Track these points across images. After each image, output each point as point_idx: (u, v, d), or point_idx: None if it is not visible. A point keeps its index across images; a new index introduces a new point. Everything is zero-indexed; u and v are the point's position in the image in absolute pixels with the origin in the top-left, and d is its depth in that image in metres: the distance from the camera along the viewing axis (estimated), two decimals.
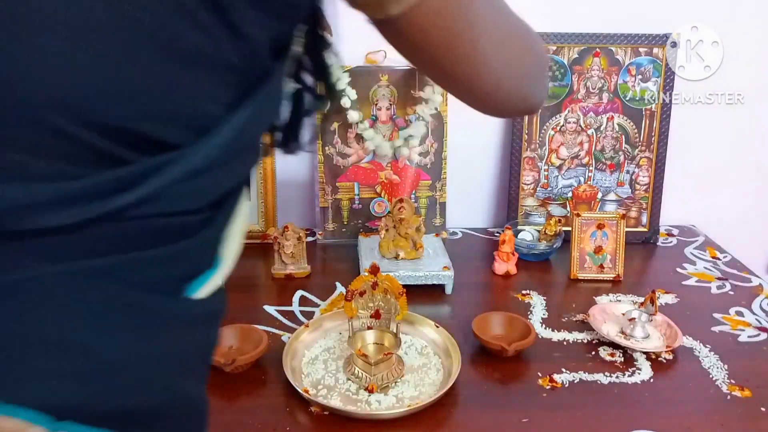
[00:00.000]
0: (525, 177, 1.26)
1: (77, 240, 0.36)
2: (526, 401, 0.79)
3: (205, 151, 0.37)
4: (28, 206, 0.33)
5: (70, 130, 0.33)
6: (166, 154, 0.36)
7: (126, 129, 0.35)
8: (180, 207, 0.38)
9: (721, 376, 0.84)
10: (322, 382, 0.81)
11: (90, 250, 0.36)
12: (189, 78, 0.36)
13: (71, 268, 0.36)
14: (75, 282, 0.36)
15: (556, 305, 1.02)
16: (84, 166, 0.35)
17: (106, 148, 0.34)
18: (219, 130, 0.38)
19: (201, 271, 0.42)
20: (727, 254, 1.22)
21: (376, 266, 0.85)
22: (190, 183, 0.37)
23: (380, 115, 1.19)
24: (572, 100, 1.22)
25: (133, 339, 0.38)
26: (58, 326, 0.35)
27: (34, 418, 0.34)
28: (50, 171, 0.34)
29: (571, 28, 1.19)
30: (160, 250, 0.38)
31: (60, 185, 0.34)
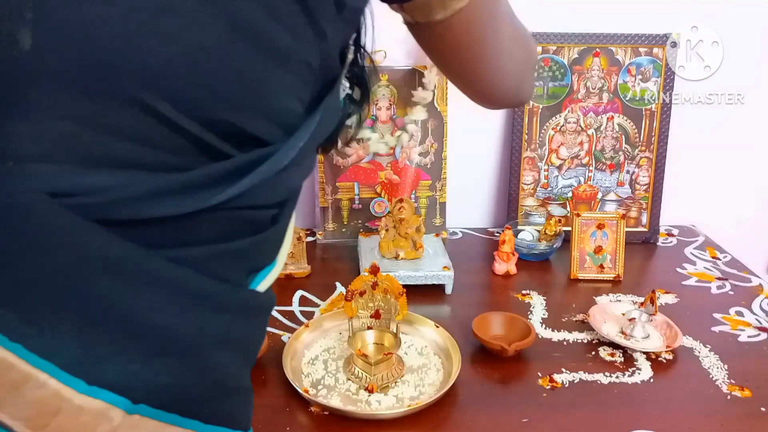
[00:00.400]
0: (525, 177, 1.26)
1: (174, 229, 0.37)
2: (526, 401, 0.79)
3: (290, 149, 0.39)
4: (138, 196, 0.35)
5: (175, 119, 0.34)
6: (260, 150, 0.38)
7: (224, 121, 0.36)
8: (263, 201, 0.41)
9: (721, 376, 0.84)
10: (322, 382, 0.81)
11: (183, 240, 0.38)
12: (277, 73, 0.37)
13: (164, 255, 0.37)
14: (165, 269, 0.37)
15: (556, 305, 1.02)
16: (189, 157, 0.36)
17: (207, 141, 0.36)
18: (299, 131, 0.40)
19: (263, 266, 0.44)
20: (727, 254, 1.22)
21: (376, 266, 0.85)
22: (275, 179, 0.39)
23: (380, 115, 1.19)
24: (572, 100, 1.22)
25: (206, 326, 0.40)
26: (143, 310, 0.37)
27: (114, 400, 0.36)
28: (159, 162, 0.35)
29: (571, 28, 1.19)
30: (241, 242, 0.40)
31: (170, 176, 0.36)
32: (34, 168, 0.33)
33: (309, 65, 0.39)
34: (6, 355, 0.33)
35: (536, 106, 1.22)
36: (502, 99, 0.62)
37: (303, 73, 0.39)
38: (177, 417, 0.38)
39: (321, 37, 0.38)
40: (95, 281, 0.35)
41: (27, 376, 0.34)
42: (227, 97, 0.36)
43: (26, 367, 0.34)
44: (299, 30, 0.37)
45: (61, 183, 0.34)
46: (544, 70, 1.21)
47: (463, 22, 0.48)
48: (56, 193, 0.33)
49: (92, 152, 0.34)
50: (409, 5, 0.46)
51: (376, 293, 0.85)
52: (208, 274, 0.39)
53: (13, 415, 0.34)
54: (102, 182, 0.34)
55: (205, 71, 0.34)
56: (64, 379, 0.34)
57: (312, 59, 0.39)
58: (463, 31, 0.49)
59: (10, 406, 0.34)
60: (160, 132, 0.35)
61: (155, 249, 0.37)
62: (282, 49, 0.37)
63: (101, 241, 0.35)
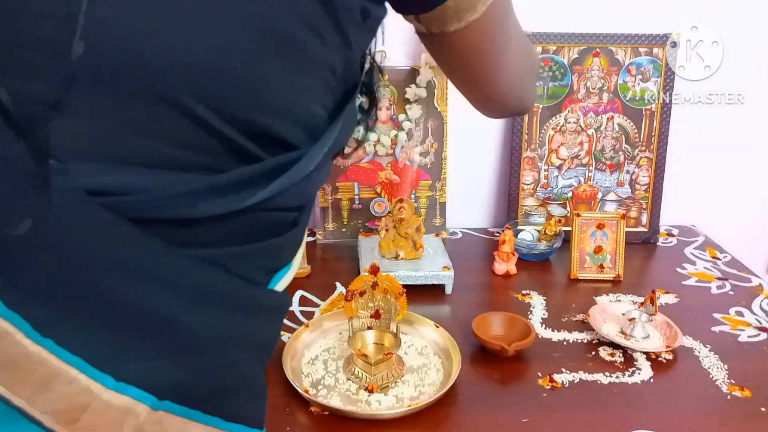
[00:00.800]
0: (525, 177, 1.26)
1: (203, 229, 0.38)
2: (526, 401, 0.79)
3: (315, 155, 0.41)
4: (173, 197, 0.36)
5: (209, 120, 0.35)
6: (288, 154, 0.39)
7: (254, 123, 0.37)
8: (286, 204, 0.42)
9: (721, 376, 0.84)
10: (322, 382, 0.81)
11: (211, 240, 0.39)
12: (305, 78, 0.39)
13: (191, 255, 0.38)
14: (192, 268, 0.38)
15: (556, 305, 1.02)
16: (221, 159, 0.37)
17: (238, 142, 0.37)
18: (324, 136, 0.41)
19: (281, 267, 0.45)
20: (727, 254, 1.22)
21: (376, 266, 0.85)
22: (299, 184, 0.41)
23: (380, 115, 1.19)
24: (572, 100, 1.22)
25: (228, 325, 0.41)
26: (170, 308, 0.37)
27: (140, 396, 0.36)
28: (193, 162, 0.36)
29: (571, 28, 1.19)
30: (264, 243, 0.42)
31: (205, 178, 0.37)
32: (74, 167, 0.34)
33: (334, 71, 0.40)
34: (37, 350, 0.34)
35: (536, 106, 1.22)
36: (506, 106, 0.63)
37: (328, 79, 0.40)
38: (200, 414, 0.39)
39: (346, 44, 0.40)
40: (126, 279, 0.36)
41: (57, 371, 0.34)
42: (259, 99, 0.37)
43: (57, 362, 0.34)
44: (327, 36, 0.38)
45: (99, 182, 0.34)
46: (544, 70, 1.21)
47: (475, 33, 0.49)
48: (94, 191, 0.34)
49: (130, 151, 0.35)
50: (424, 16, 0.47)
51: (376, 293, 0.85)
52: (233, 273, 0.40)
53: (43, 410, 0.34)
54: (139, 182, 0.35)
55: (239, 74, 0.35)
56: (93, 374, 0.35)
57: (336, 65, 0.40)
58: (475, 42, 0.50)
59: (41, 400, 0.34)
60: (194, 133, 0.36)
61: (183, 248, 0.37)
62: (310, 55, 0.38)
63: (134, 240, 0.36)
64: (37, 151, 0.33)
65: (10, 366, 0.34)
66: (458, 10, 0.46)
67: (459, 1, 0.46)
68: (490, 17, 0.48)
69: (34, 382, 0.34)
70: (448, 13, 0.47)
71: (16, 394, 0.34)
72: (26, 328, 0.34)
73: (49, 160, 0.33)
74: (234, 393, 0.42)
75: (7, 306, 0.33)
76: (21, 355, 0.34)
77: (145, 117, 0.34)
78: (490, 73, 0.56)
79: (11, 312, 0.33)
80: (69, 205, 0.34)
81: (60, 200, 0.34)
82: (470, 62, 0.54)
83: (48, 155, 0.33)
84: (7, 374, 0.34)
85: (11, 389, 0.34)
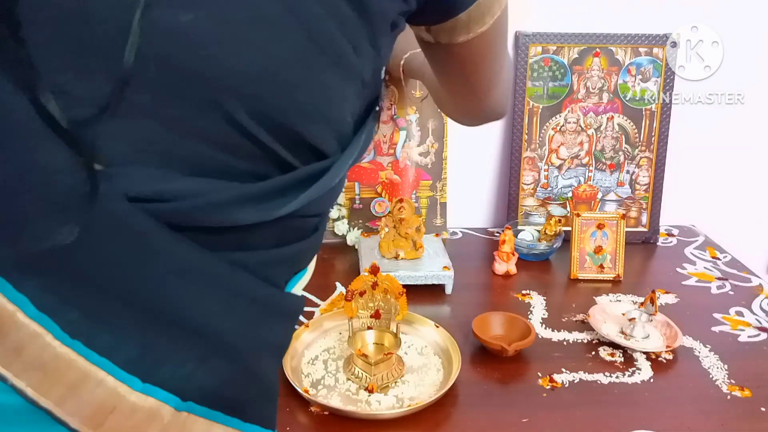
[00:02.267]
0: (525, 177, 1.26)
1: (238, 235, 0.39)
2: (526, 401, 0.79)
3: (343, 164, 0.43)
4: (215, 204, 0.37)
5: (249, 127, 0.36)
6: (320, 163, 0.41)
7: (293, 130, 0.38)
8: (312, 211, 0.44)
9: (721, 376, 0.84)
10: (322, 382, 0.81)
11: (244, 245, 0.40)
12: (342, 86, 0.40)
13: (225, 259, 0.39)
14: (226, 272, 0.39)
15: (556, 305, 1.02)
16: (259, 166, 0.39)
17: (275, 150, 0.38)
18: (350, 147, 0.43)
19: (299, 271, 0.46)
20: (727, 254, 1.22)
21: (376, 266, 0.85)
22: (328, 192, 0.43)
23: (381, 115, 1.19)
24: (572, 100, 1.22)
25: (257, 329, 0.42)
26: (202, 312, 0.38)
27: (165, 398, 0.37)
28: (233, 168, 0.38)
29: (571, 28, 1.19)
30: (291, 247, 0.43)
31: (245, 186, 0.38)
32: (119, 171, 0.34)
33: (363, 80, 0.42)
34: (66, 351, 0.34)
35: (536, 106, 1.22)
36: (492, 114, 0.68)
37: (358, 88, 0.42)
38: (221, 415, 0.39)
39: (377, 54, 0.41)
40: (162, 283, 0.36)
41: (86, 373, 0.35)
42: (301, 106, 0.38)
43: (85, 364, 0.35)
44: (362, 46, 0.39)
45: (142, 187, 0.35)
46: (543, 70, 1.21)
47: (480, 44, 0.51)
48: (136, 198, 0.35)
49: (173, 156, 0.36)
50: (436, 27, 0.49)
51: (376, 293, 0.86)
52: (260, 277, 0.41)
53: (71, 412, 0.35)
54: (181, 189, 0.36)
55: (284, 81, 0.37)
56: (120, 376, 0.35)
57: (366, 75, 0.42)
58: (478, 51, 0.53)
59: (70, 402, 0.35)
60: (235, 137, 0.37)
61: (216, 252, 0.38)
62: (348, 64, 0.39)
63: (171, 245, 0.36)
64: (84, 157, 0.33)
65: (40, 368, 0.34)
66: (469, 22, 0.48)
67: (471, 13, 0.48)
68: (495, 29, 0.51)
69: (63, 384, 0.34)
70: (459, 25, 0.49)
71: (45, 395, 0.34)
72: (55, 330, 0.34)
73: (95, 165, 0.34)
74: (254, 395, 0.43)
75: (38, 309, 0.34)
76: (51, 357, 0.34)
77: (190, 121, 0.35)
78: (489, 82, 0.59)
79: (42, 314, 0.34)
80: (113, 212, 0.34)
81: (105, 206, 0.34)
82: (471, 72, 0.56)
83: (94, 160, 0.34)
84: (37, 376, 0.34)
85: (40, 391, 0.34)
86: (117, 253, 0.35)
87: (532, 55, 1.20)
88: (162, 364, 0.37)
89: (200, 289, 0.38)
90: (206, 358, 0.39)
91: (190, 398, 0.38)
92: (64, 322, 0.34)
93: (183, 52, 0.34)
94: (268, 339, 0.43)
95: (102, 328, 0.35)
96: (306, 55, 0.37)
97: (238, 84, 0.35)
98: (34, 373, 0.34)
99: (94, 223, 0.34)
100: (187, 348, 0.38)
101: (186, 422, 0.37)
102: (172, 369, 0.37)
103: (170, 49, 0.34)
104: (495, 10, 0.49)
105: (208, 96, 0.35)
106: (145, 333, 0.36)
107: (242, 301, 0.40)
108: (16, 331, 0.33)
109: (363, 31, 0.39)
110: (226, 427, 0.39)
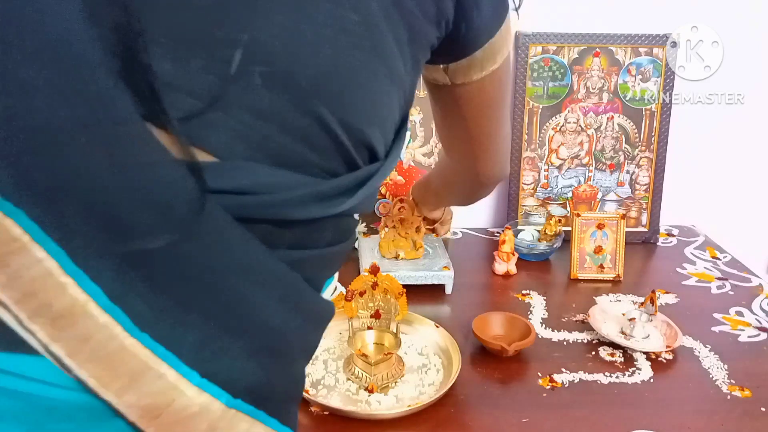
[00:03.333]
0: (525, 177, 1.26)
1: (300, 231, 0.41)
2: (526, 401, 0.79)
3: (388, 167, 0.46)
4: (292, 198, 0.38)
5: (332, 126, 0.39)
6: (374, 165, 0.44)
7: (360, 130, 0.41)
8: (359, 210, 0.46)
9: (721, 376, 0.84)
10: (322, 382, 0.81)
11: (302, 242, 0.42)
12: (394, 95, 0.44)
13: (282, 257, 0.40)
14: (283, 272, 0.40)
15: (556, 305, 1.02)
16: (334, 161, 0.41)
17: (347, 148, 0.41)
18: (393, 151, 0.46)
19: (331, 275, 0.48)
20: (727, 254, 1.22)
21: (376, 266, 0.85)
22: (375, 191, 0.46)
23: None
24: (572, 100, 1.22)
25: (301, 329, 0.43)
26: (259, 308, 0.39)
27: (218, 393, 0.37)
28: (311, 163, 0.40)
29: (571, 28, 1.19)
30: (339, 247, 0.45)
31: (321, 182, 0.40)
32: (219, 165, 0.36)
33: (405, 92, 0.45)
34: (132, 343, 0.35)
35: (536, 106, 1.22)
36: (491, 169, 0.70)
37: (401, 99, 0.45)
38: (264, 414, 0.40)
39: (417, 71, 0.46)
40: (227, 277, 0.37)
41: (149, 365, 0.35)
42: (367, 108, 0.41)
43: (150, 356, 0.35)
44: (407, 61, 0.43)
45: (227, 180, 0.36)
46: (543, 70, 1.21)
47: (491, 83, 0.55)
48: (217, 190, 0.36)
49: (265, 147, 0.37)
50: (454, 65, 0.53)
51: (376, 293, 0.86)
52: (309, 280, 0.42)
53: (130, 404, 0.35)
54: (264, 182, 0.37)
55: (357, 84, 0.40)
56: (182, 370, 0.36)
57: (407, 88, 0.45)
58: (489, 91, 0.57)
59: (130, 395, 0.35)
60: (316, 133, 0.39)
61: (278, 249, 0.40)
62: (398, 76, 0.43)
63: (241, 240, 0.37)
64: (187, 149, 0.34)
65: (104, 359, 0.34)
66: (483, 59, 0.53)
67: (486, 50, 0.52)
68: (504, 68, 0.54)
69: (125, 376, 0.35)
70: (475, 63, 0.52)
71: (106, 387, 0.34)
72: (126, 322, 0.34)
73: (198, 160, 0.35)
74: (290, 397, 0.44)
75: (111, 299, 0.34)
76: (116, 349, 0.34)
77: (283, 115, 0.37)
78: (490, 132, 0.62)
79: (114, 305, 0.34)
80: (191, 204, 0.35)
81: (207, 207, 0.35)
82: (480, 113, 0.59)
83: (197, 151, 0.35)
84: (101, 368, 0.34)
85: (102, 382, 0.34)
86: (191, 247, 0.36)
87: (532, 55, 1.20)
88: (219, 356, 0.38)
89: (260, 287, 0.39)
90: (257, 355, 0.40)
91: (239, 396, 0.38)
92: (134, 314, 0.35)
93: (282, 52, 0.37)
94: (308, 340, 0.45)
95: (169, 321, 0.36)
96: (372, 63, 0.40)
97: (323, 83, 0.38)
98: (98, 364, 0.34)
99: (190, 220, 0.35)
100: (241, 343, 0.39)
101: (233, 419, 0.38)
102: (227, 363, 0.38)
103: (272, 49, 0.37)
104: (505, 50, 0.54)
105: (298, 92, 0.37)
106: (207, 324, 0.37)
107: (292, 301, 0.41)
108: (85, 321, 0.34)
109: (410, 50, 0.43)
110: (266, 427, 0.40)
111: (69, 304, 0.33)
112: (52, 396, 0.34)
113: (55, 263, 0.32)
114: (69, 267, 0.33)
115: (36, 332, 0.33)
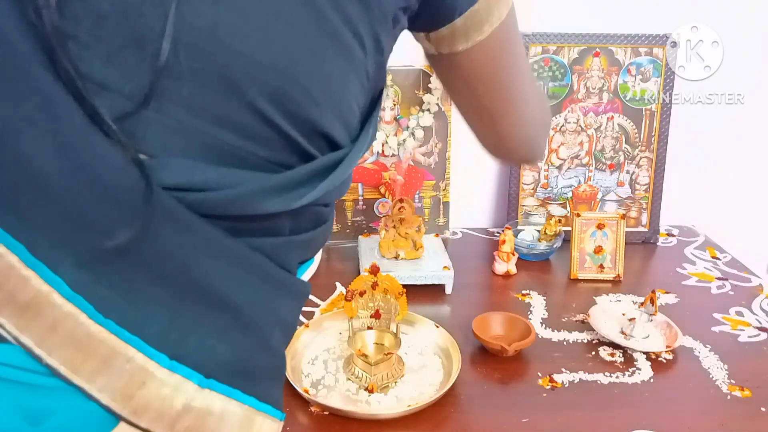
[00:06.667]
0: (525, 177, 1.26)
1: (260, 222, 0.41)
2: (526, 401, 0.79)
3: (355, 155, 0.44)
4: (243, 195, 0.38)
5: (271, 116, 0.38)
6: (335, 153, 0.43)
7: (309, 119, 0.40)
8: (328, 200, 0.46)
9: (721, 376, 0.84)
10: (322, 382, 0.81)
11: (265, 231, 0.42)
12: (350, 77, 0.42)
13: (246, 244, 0.41)
14: (247, 254, 0.41)
15: (556, 305, 1.02)
16: (282, 155, 0.40)
17: (294, 138, 0.40)
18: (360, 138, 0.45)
19: (307, 260, 0.49)
20: (727, 254, 1.22)
21: (376, 266, 0.85)
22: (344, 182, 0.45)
23: (384, 115, 1.19)
24: (572, 100, 1.22)
25: (271, 307, 0.44)
26: (224, 287, 0.40)
27: (189, 374, 0.38)
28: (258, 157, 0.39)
29: (571, 28, 1.19)
30: (306, 235, 0.45)
31: (271, 177, 0.40)
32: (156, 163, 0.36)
33: (368, 74, 0.43)
34: (98, 330, 0.36)
35: None
36: (515, 151, 0.65)
37: (363, 81, 0.43)
38: (239, 393, 0.41)
39: (379, 49, 0.43)
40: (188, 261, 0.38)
41: (117, 350, 0.36)
42: (315, 95, 0.40)
43: (116, 341, 0.36)
44: (365, 40, 0.41)
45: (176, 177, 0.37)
46: (543, 70, 1.21)
47: (481, 54, 0.52)
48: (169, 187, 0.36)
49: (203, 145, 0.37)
50: (435, 35, 0.50)
51: (376, 293, 0.86)
52: (276, 261, 0.43)
53: (102, 388, 0.36)
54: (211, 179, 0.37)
55: (300, 71, 0.38)
56: (150, 353, 0.37)
57: (370, 68, 0.43)
58: (481, 63, 0.53)
59: (101, 379, 0.36)
60: (258, 127, 0.38)
61: (239, 238, 0.40)
62: (354, 57, 0.41)
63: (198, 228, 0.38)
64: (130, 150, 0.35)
65: (73, 346, 0.35)
66: (467, 30, 0.49)
67: (468, 20, 0.48)
68: (496, 39, 0.51)
69: (94, 362, 0.36)
70: (458, 32, 0.49)
71: (77, 373, 0.36)
72: (89, 310, 0.35)
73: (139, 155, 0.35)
74: (267, 373, 0.44)
75: (73, 289, 0.35)
76: (84, 336, 0.35)
77: (217, 110, 0.37)
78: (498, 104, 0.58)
79: (76, 295, 0.35)
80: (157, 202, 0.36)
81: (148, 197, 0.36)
82: (479, 87, 0.56)
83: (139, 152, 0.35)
84: (70, 354, 0.35)
85: (73, 368, 0.36)
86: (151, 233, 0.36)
87: (532, 55, 1.20)
88: (187, 339, 0.38)
89: (223, 266, 0.40)
90: (227, 332, 0.40)
91: (212, 376, 0.39)
92: (98, 301, 0.36)
93: (209, 42, 0.36)
94: (280, 314, 0.45)
95: (132, 305, 0.37)
96: (316, 46, 0.39)
97: (258, 73, 0.37)
98: (67, 351, 0.35)
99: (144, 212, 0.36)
100: (208, 322, 0.39)
101: (207, 398, 0.39)
102: (196, 344, 0.39)
103: (197, 40, 0.36)
104: (494, 19, 0.49)
105: (232, 85, 0.37)
106: (172, 307, 0.38)
107: (258, 278, 0.42)
108: (50, 311, 0.35)
109: (365, 26, 0.41)
110: (242, 405, 0.41)
111: (33, 296, 0.35)
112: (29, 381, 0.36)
113: (15, 257, 0.34)
114: (29, 260, 0.34)
115: (4, 324, 0.35)
